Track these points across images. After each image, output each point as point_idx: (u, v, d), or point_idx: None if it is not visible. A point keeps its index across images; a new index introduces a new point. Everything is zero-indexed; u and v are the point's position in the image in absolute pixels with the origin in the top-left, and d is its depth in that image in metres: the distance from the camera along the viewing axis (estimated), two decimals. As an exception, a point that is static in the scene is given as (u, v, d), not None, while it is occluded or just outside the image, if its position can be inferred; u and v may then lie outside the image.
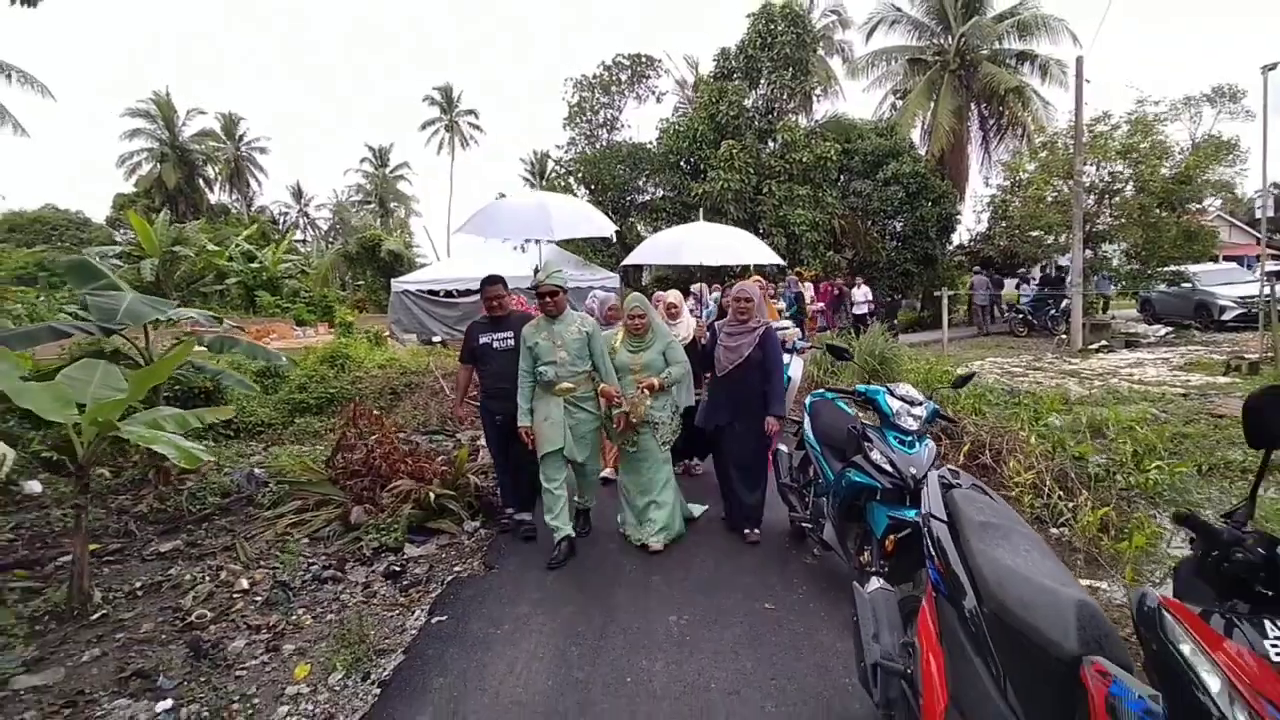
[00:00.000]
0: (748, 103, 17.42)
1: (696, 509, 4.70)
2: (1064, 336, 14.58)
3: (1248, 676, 1.17)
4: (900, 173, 17.74)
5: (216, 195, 40.43)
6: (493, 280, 4.50)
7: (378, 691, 2.84)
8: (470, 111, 46.75)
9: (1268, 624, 1.23)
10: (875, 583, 2.48)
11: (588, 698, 2.76)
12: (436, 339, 13.80)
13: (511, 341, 4.32)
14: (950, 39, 22.30)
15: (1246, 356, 10.42)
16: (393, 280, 15.89)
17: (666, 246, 7.78)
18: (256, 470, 5.59)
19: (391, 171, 47.78)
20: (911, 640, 2.20)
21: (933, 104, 21.73)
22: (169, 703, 2.77)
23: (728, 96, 16.80)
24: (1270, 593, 1.30)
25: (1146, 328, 16.52)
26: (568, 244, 15.14)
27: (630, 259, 7.95)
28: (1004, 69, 21.60)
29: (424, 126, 45.79)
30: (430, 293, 15.34)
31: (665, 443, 4.28)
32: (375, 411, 5.68)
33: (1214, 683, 1.18)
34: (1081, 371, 10.57)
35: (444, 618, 3.43)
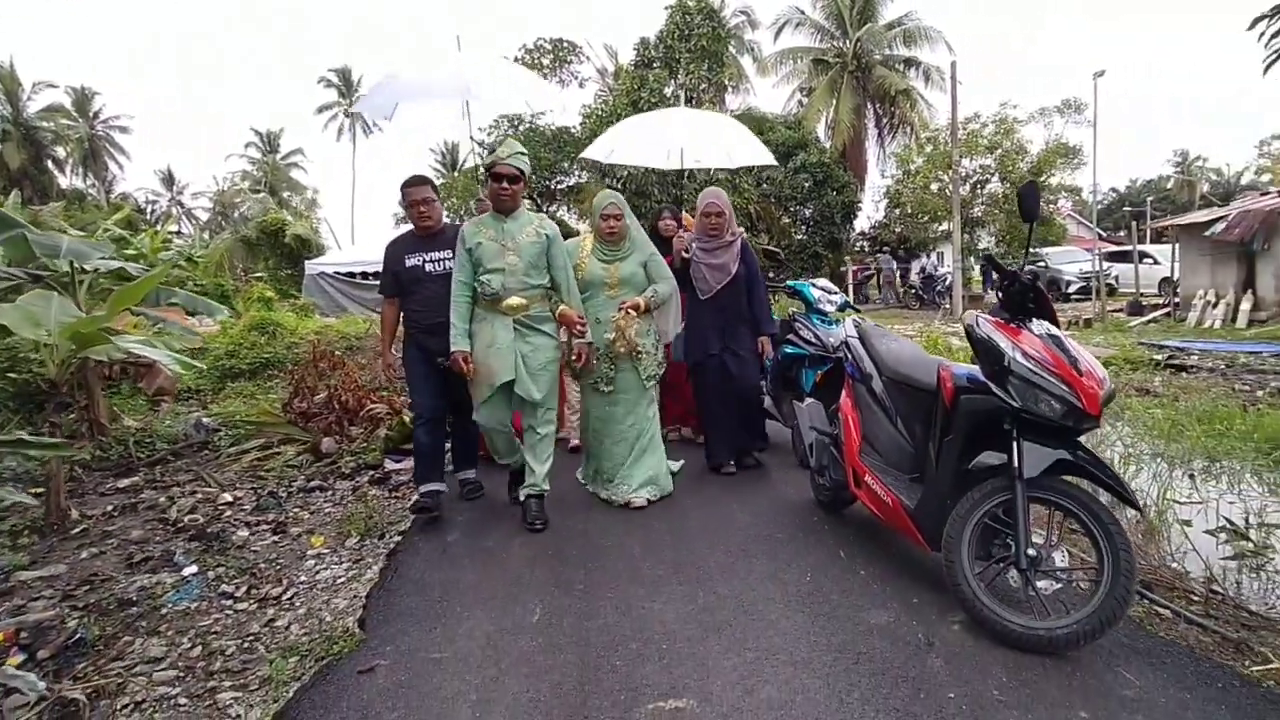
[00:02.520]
0: (668, 91, 18.05)
1: (674, 464, 3.94)
2: (948, 307, 16.78)
3: (1023, 339, 2.20)
4: (808, 163, 19.07)
5: (69, 179, 36.59)
6: (418, 180, 3.48)
7: (399, 539, 3.22)
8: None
9: (1034, 321, 2.27)
10: (809, 400, 3.52)
11: (590, 523, 3.41)
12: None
13: (450, 262, 3.37)
14: (848, 43, 24.29)
15: (1084, 317, 13.30)
16: (307, 263, 15.48)
17: (646, 142, 5.50)
18: (204, 420, 5.61)
19: (283, 158, 44.96)
20: (836, 426, 3.18)
21: (834, 102, 23.63)
22: (193, 569, 3.00)
23: (649, 84, 17.37)
24: (1034, 308, 2.31)
25: (1012, 300, 19.21)
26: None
27: (595, 153, 5.80)
28: (894, 73, 23.89)
29: (320, 111, 43.51)
30: (347, 275, 15.07)
31: (651, 377, 3.58)
32: (336, 353, 5.82)
33: (1005, 343, 2.20)
34: (959, 332, 12.33)
35: (444, 488, 3.74)
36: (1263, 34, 3.33)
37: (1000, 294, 2.40)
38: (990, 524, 2.27)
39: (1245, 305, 11.68)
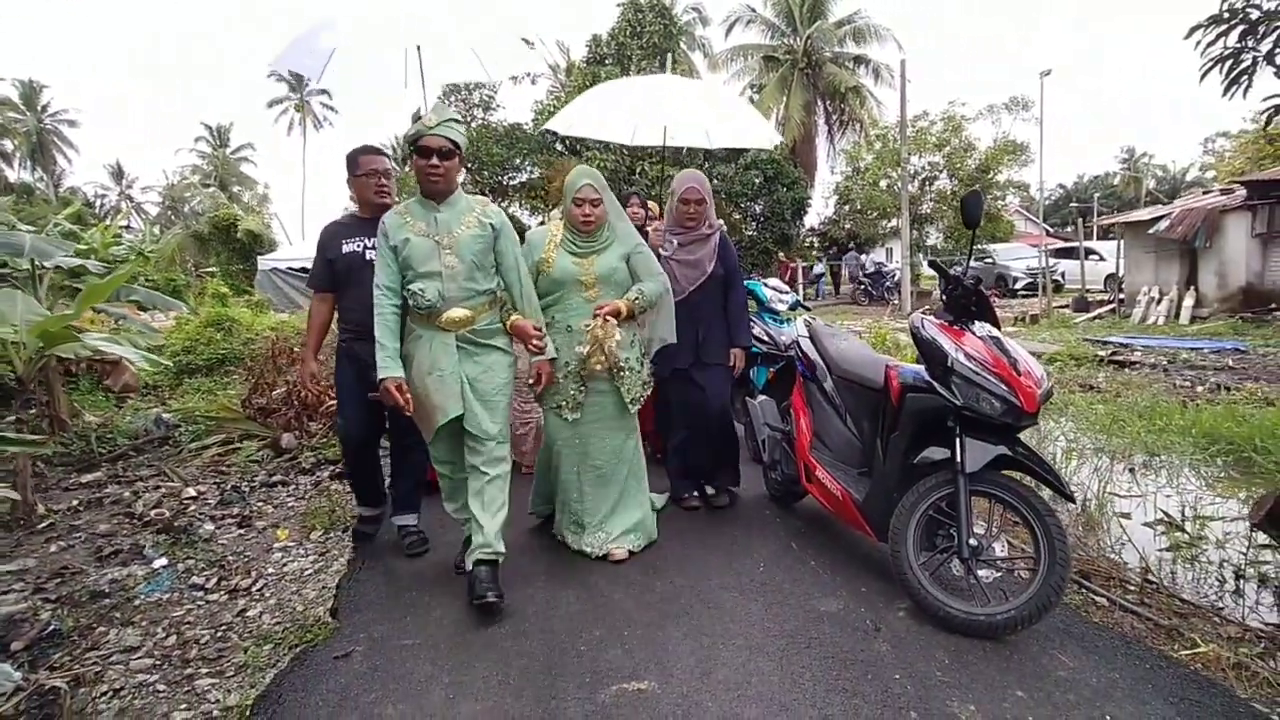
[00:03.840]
0: None
1: (659, 498, 3.42)
2: (896, 303, 17.22)
3: (965, 340, 2.34)
4: (758, 159, 19.31)
5: (17, 173, 35.88)
6: (369, 150, 3.04)
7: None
8: (324, 91, 44.35)
9: (975, 324, 2.41)
10: (762, 397, 3.64)
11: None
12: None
13: None
14: (798, 40, 24.66)
15: (1030, 313, 13.44)
16: (260, 259, 15.27)
17: (623, 114, 4.51)
18: (165, 416, 5.56)
19: (233, 153, 44.22)
20: (788, 422, 3.34)
21: (785, 98, 23.94)
22: (163, 561, 3.03)
23: (600, 81, 17.48)
24: (977, 310, 2.47)
25: (959, 296, 19.86)
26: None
27: (562, 125, 4.74)
28: (844, 70, 24.35)
29: (271, 105, 42.82)
30: (300, 270, 14.89)
31: (634, 401, 2.92)
32: (295, 349, 5.79)
33: (948, 344, 2.34)
34: (907, 328, 12.63)
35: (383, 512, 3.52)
36: (1199, 43, 3.56)
37: (944, 297, 2.55)
38: (934, 516, 2.42)
39: (1188, 302, 12.01)
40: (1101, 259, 17.89)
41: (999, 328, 2.49)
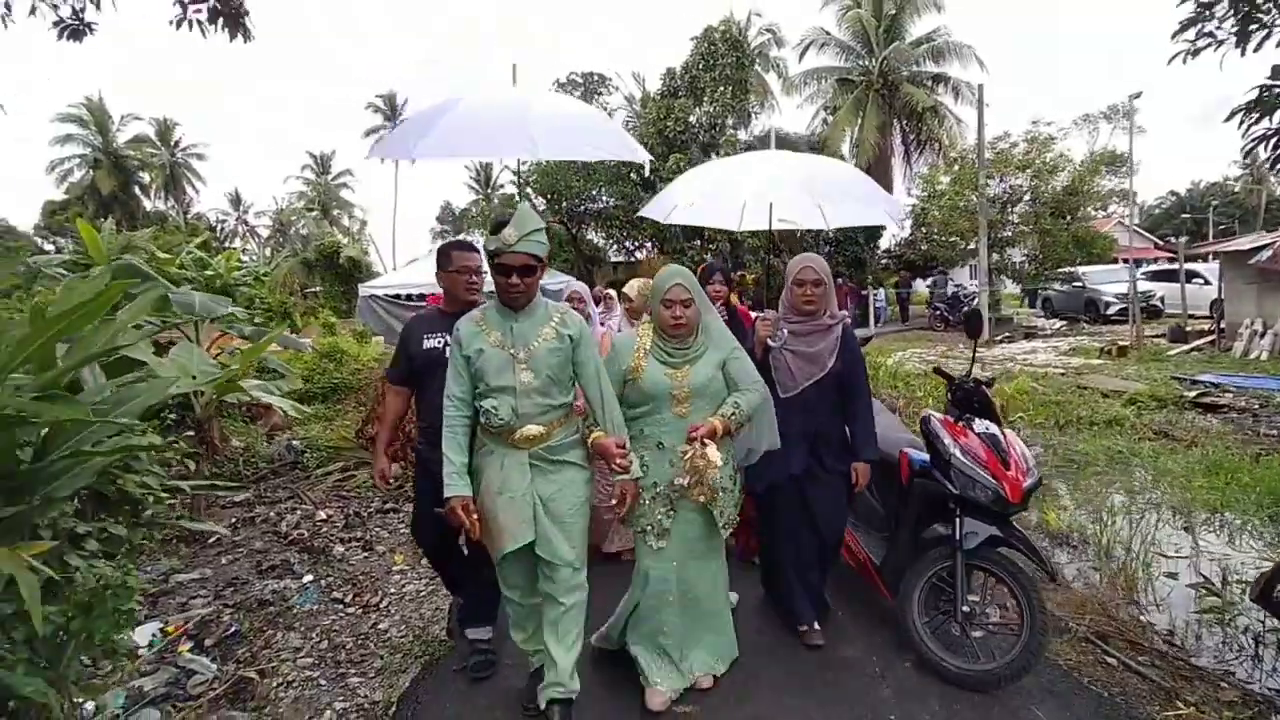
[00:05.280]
0: (692, 119, 18.93)
1: (732, 597, 3.03)
2: None
3: (963, 437, 2.77)
4: None
5: (152, 202, 40.30)
6: (463, 246, 2.90)
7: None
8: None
9: (975, 420, 2.82)
10: None
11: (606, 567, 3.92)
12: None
13: None
14: (874, 61, 24.75)
15: (1119, 343, 12.69)
16: (360, 286, 16.71)
17: (722, 196, 4.21)
18: (294, 442, 6.51)
19: (334, 179, 47.80)
20: None
21: (859, 120, 24.02)
22: (310, 577, 3.80)
23: (674, 113, 18.25)
24: (980, 407, 2.87)
25: (1045, 321, 19.02)
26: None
27: (661, 212, 4.40)
28: (921, 89, 24.21)
29: (367, 134, 45.97)
30: (395, 297, 16.18)
31: (728, 524, 2.67)
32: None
33: (948, 439, 2.77)
34: (985, 358, 12.43)
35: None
36: (1241, 123, 3.57)
37: (950, 396, 2.98)
38: (937, 584, 2.85)
39: (1295, 336, 11.18)
40: (1206, 282, 16.62)
41: (1000, 424, 2.89)
